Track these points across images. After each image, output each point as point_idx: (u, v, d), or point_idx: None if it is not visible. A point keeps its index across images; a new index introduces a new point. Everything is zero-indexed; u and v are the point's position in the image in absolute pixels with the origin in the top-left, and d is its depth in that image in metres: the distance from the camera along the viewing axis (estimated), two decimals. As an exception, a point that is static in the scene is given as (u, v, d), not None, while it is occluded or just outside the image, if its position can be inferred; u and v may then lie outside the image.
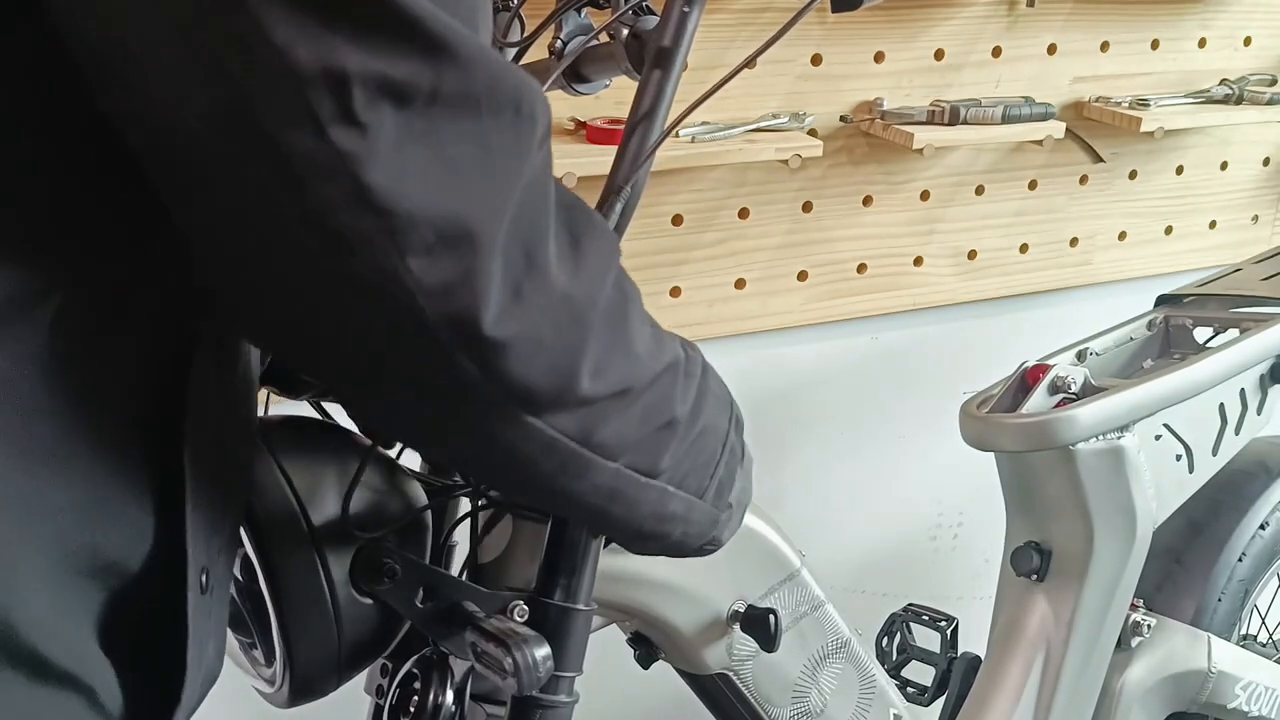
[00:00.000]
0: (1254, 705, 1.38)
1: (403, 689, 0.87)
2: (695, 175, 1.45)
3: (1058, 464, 1.19)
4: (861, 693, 1.09)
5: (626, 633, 1.02)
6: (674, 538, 0.73)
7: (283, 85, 0.46)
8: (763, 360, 1.61)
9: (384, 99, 0.47)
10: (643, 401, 0.64)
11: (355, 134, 0.47)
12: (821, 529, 1.73)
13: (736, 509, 0.79)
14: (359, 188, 0.47)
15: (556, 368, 0.57)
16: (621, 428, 0.63)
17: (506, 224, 0.52)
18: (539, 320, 0.55)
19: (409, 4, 0.47)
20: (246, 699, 0.88)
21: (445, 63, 0.48)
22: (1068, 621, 1.24)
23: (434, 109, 0.48)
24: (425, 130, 0.48)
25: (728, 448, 0.75)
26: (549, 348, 0.56)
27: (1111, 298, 1.80)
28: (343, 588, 0.78)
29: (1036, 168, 1.70)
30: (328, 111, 0.46)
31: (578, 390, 0.58)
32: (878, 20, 1.49)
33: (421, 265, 0.50)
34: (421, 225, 0.49)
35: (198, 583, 0.60)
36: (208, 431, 0.59)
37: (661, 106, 0.79)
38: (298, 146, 0.47)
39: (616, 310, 0.61)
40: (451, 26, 0.48)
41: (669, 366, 0.66)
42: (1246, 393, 1.31)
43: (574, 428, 0.60)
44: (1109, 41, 1.67)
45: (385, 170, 0.47)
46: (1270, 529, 1.42)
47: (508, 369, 0.54)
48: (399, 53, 0.47)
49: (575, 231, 0.58)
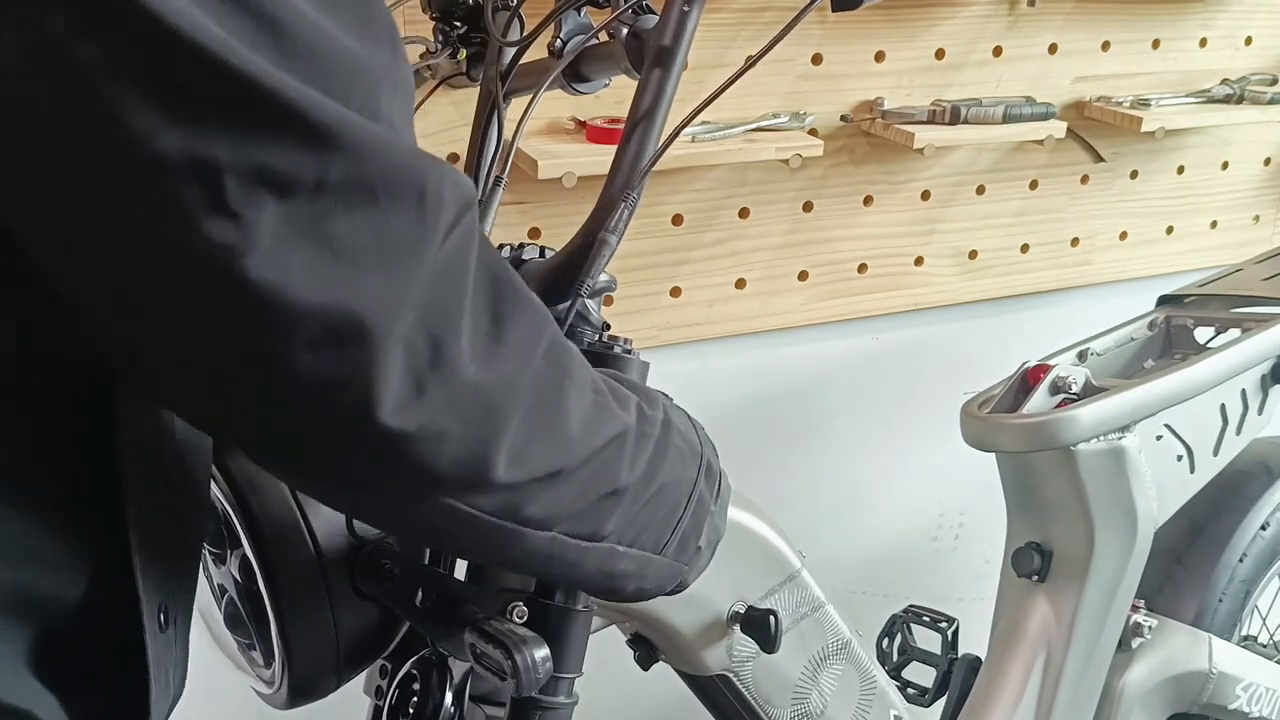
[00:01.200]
0: (1255, 706, 1.37)
1: (402, 690, 0.87)
2: (695, 175, 1.45)
3: (1059, 464, 1.19)
4: (862, 694, 1.09)
5: (626, 634, 1.02)
6: (628, 591, 0.71)
7: (147, 176, 0.43)
8: (763, 360, 1.61)
9: (262, 189, 0.44)
10: (579, 477, 0.61)
11: (230, 225, 0.44)
12: (822, 530, 1.73)
13: (705, 550, 0.77)
14: (237, 281, 0.45)
15: (465, 458, 0.54)
16: (554, 503, 0.60)
17: (409, 315, 0.49)
18: (443, 413, 0.51)
19: (283, 90, 0.44)
20: (248, 699, 0.88)
21: (331, 152, 0.45)
22: (1069, 622, 1.24)
23: (321, 198, 0.46)
24: (312, 221, 0.46)
25: (694, 499, 0.72)
26: (455, 439, 0.53)
27: (1112, 298, 1.80)
28: (342, 589, 0.78)
29: (1037, 167, 1.70)
30: (197, 202, 0.43)
31: (493, 478, 0.55)
32: (878, 20, 1.49)
33: (308, 360, 0.47)
34: (307, 320, 0.46)
35: (155, 621, 0.59)
36: (147, 466, 0.58)
37: (661, 106, 0.79)
38: (168, 238, 0.44)
39: (547, 389, 0.57)
40: (339, 115, 0.45)
41: (614, 439, 0.63)
42: (1248, 393, 1.31)
43: (495, 506, 0.57)
44: (1110, 41, 1.67)
45: (266, 263, 0.45)
46: (1271, 529, 1.42)
47: (409, 460, 0.52)
48: (275, 141, 0.44)
49: (499, 310, 0.54)
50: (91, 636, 0.57)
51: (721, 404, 1.59)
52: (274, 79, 0.44)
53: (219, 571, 0.83)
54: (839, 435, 1.72)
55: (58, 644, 0.55)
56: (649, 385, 0.76)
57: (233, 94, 0.43)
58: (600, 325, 0.84)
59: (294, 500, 0.76)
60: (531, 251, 0.89)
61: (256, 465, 0.60)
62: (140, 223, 0.44)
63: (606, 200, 0.78)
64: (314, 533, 0.76)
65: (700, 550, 0.76)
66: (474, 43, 1.04)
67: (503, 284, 0.55)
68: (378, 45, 0.49)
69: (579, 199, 1.27)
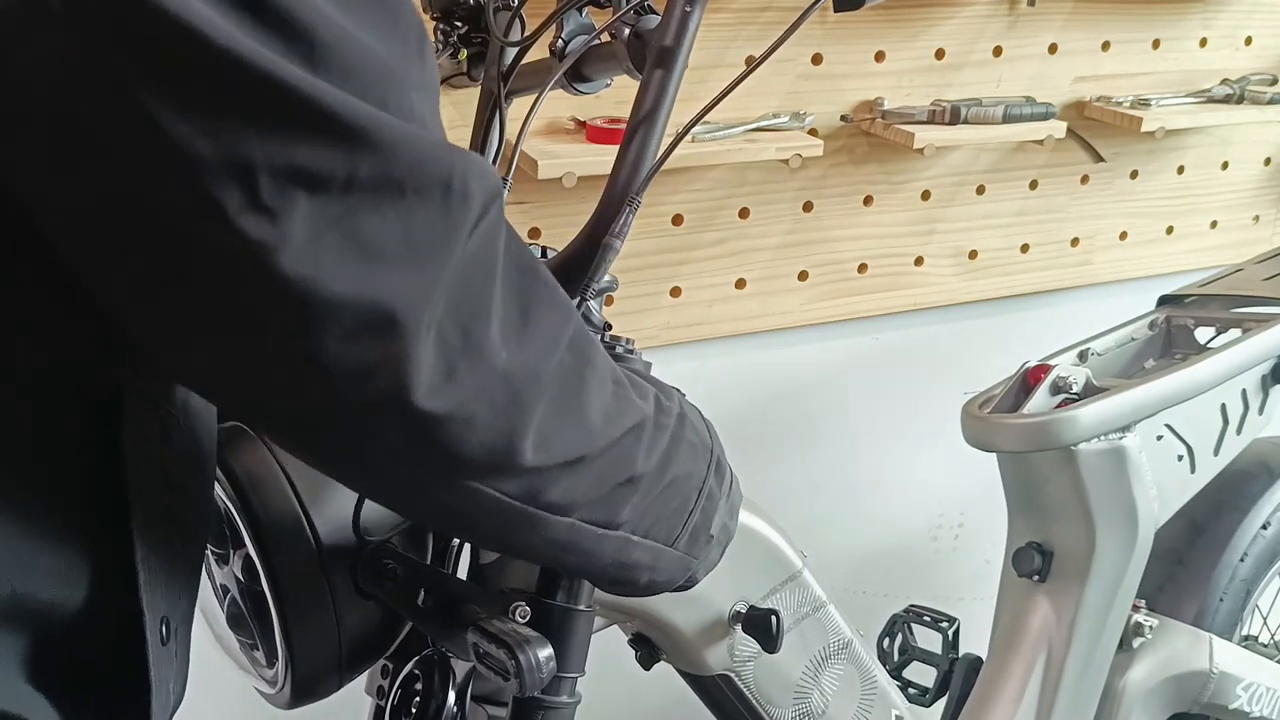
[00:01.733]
0: (1255, 706, 1.37)
1: (404, 690, 0.87)
2: (695, 175, 1.45)
3: (1059, 464, 1.19)
4: (863, 694, 1.09)
5: (628, 634, 1.02)
6: (641, 583, 0.72)
7: (185, 177, 0.45)
8: (763, 360, 1.61)
9: (295, 186, 0.46)
10: (598, 464, 0.62)
11: (265, 222, 0.45)
12: (823, 529, 1.73)
13: (715, 545, 0.78)
14: (272, 276, 0.46)
15: (494, 443, 0.55)
16: (573, 488, 0.61)
17: (439, 304, 0.51)
18: (473, 399, 0.53)
19: (315, 94, 0.45)
20: (247, 700, 0.88)
21: (360, 149, 0.47)
22: (1069, 622, 1.24)
23: (351, 194, 0.47)
24: (342, 216, 0.47)
25: (704, 493, 0.74)
26: (485, 424, 0.54)
27: (1113, 298, 1.80)
28: (344, 588, 0.78)
29: (1037, 167, 1.70)
30: (234, 201, 0.45)
31: (519, 462, 0.57)
32: (879, 20, 1.49)
33: (341, 350, 0.49)
34: (340, 312, 0.48)
35: (158, 634, 0.59)
36: (154, 477, 0.58)
37: (663, 107, 0.79)
38: (206, 235, 0.46)
39: (570, 378, 0.59)
40: (366, 113, 0.47)
41: (632, 429, 0.64)
42: (1248, 393, 1.31)
43: (518, 490, 0.59)
44: (1110, 41, 1.67)
45: (299, 258, 0.46)
46: (1272, 529, 1.42)
47: (440, 442, 0.53)
48: (308, 142, 0.46)
49: (526, 301, 0.56)
50: (91, 646, 0.57)
51: (721, 404, 1.59)
52: (305, 83, 0.45)
53: (221, 571, 0.83)
54: (839, 435, 1.72)
55: (56, 652, 0.55)
56: (675, 386, 0.77)
57: (266, 99, 0.45)
58: (601, 325, 0.84)
59: (297, 500, 0.76)
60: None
61: (279, 447, 0.62)
62: (177, 221, 0.46)
63: (608, 201, 0.78)
64: (317, 532, 0.76)
65: (710, 544, 0.76)
66: (475, 43, 1.04)
67: (530, 275, 0.57)
68: (405, 46, 0.50)
69: (579, 199, 1.27)
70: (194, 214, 0.45)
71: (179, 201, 0.45)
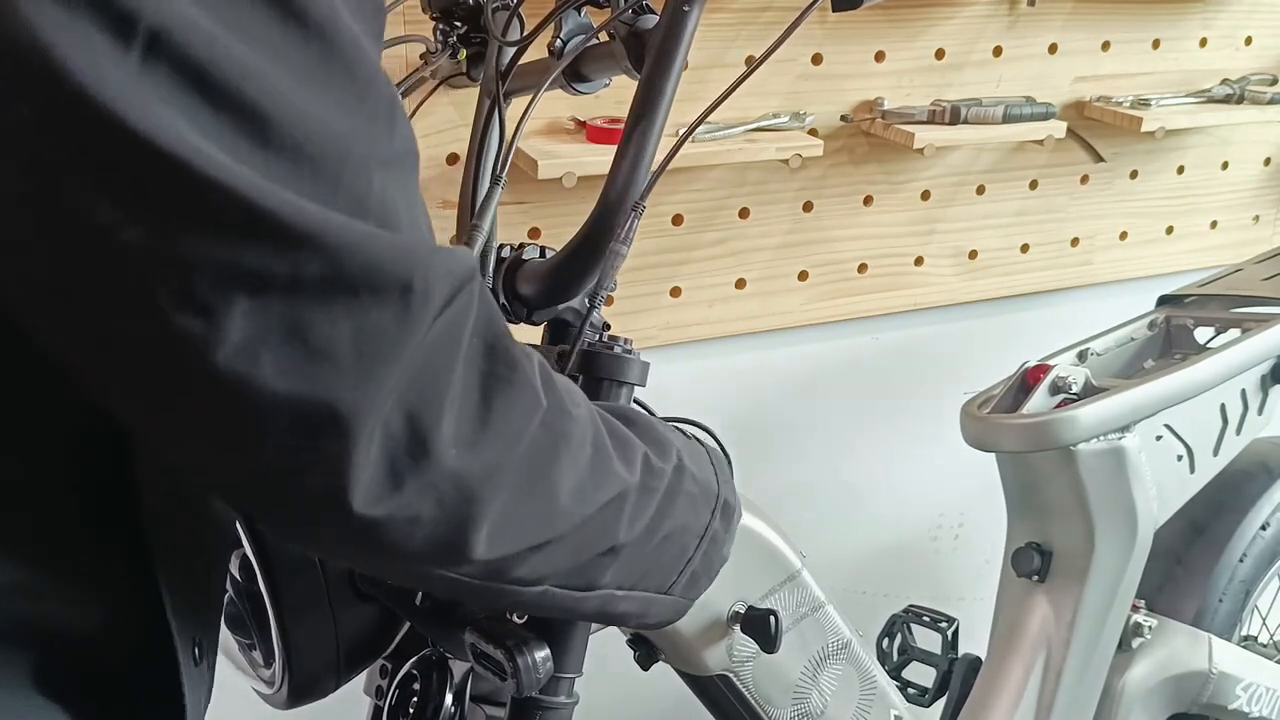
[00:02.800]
0: (1255, 706, 1.37)
1: (402, 690, 0.87)
2: (695, 175, 1.45)
3: (1059, 464, 1.19)
4: (862, 694, 1.09)
5: (626, 634, 1.02)
6: (630, 624, 0.71)
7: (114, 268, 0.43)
8: (763, 360, 1.61)
9: (234, 285, 0.44)
10: (569, 542, 0.60)
11: (199, 320, 0.43)
12: (822, 530, 1.73)
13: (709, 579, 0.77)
14: (206, 372, 0.44)
15: (442, 538, 0.53)
16: (541, 565, 0.59)
17: (387, 404, 0.48)
18: (418, 499, 0.51)
19: (256, 197, 0.43)
20: (249, 700, 0.88)
21: (305, 252, 0.44)
22: (1069, 622, 1.24)
23: (297, 295, 0.45)
24: (285, 315, 0.45)
25: (707, 538, 0.72)
26: (431, 521, 0.52)
27: (1112, 298, 1.80)
28: (341, 589, 0.78)
29: (1037, 167, 1.70)
30: (166, 297, 0.43)
31: (469, 556, 0.55)
32: (878, 20, 1.49)
33: (280, 446, 0.47)
34: (278, 411, 0.46)
35: (190, 656, 0.59)
36: (171, 501, 0.58)
37: (662, 106, 0.79)
38: (141, 327, 0.44)
39: (540, 457, 0.56)
40: (316, 217, 0.44)
41: (611, 501, 0.62)
42: (1247, 393, 1.31)
43: (478, 573, 0.57)
44: (1110, 41, 1.67)
45: (235, 356, 0.44)
46: (1271, 529, 1.42)
47: (381, 543, 0.51)
48: (250, 244, 0.43)
49: (490, 387, 0.53)
50: (121, 669, 0.57)
51: (721, 404, 1.59)
52: (244, 182, 0.43)
53: (219, 572, 0.83)
54: (839, 435, 1.72)
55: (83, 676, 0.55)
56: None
57: (198, 197, 0.42)
58: (600, 325, 0.84)
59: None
60: (532, 251, 0.89)
61: None
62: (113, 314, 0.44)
63: (607, 202, 0.78)
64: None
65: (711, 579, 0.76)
66: (474, 43, 1.04)
67: (496, 355, 0.54)
68: (373, 122, 0.47)
69: (579, 199, 1.27)
70: (129, 309, 0.44)
71: (114, 295, 0.44)
